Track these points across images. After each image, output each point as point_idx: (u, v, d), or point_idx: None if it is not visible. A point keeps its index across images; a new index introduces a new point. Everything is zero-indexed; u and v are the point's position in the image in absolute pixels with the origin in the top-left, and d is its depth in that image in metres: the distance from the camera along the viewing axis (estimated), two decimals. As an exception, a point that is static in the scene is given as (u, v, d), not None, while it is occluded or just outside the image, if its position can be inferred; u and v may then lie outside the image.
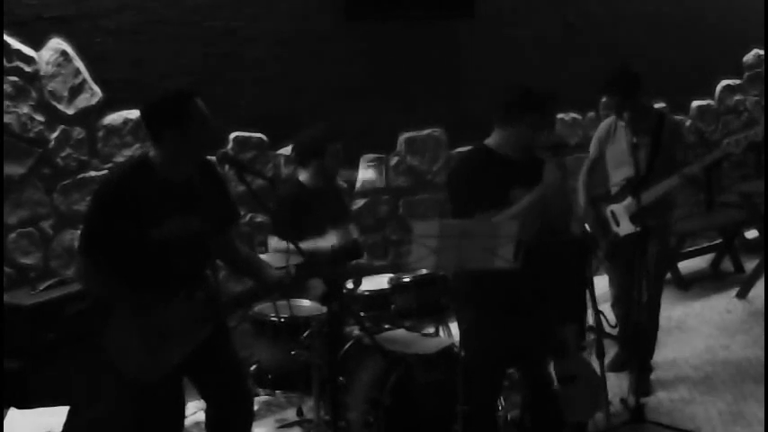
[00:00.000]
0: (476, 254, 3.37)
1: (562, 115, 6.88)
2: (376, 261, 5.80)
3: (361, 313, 4.25)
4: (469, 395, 3.58)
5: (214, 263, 3.45)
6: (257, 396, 4.22)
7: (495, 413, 3.89)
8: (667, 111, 6.07)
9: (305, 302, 4.11)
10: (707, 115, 7.85)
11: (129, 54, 4.90)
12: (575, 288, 4.23)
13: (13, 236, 4.58)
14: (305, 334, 3.88)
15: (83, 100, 4.77)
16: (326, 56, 5.65)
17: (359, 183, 5.88)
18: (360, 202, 5.91)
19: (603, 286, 5.04)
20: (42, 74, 4.62)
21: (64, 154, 4.72)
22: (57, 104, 4.69)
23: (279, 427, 4.60)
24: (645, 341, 4.88)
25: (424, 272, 4.28)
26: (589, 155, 5.10)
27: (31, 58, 4.59)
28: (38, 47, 4.61)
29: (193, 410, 4.20)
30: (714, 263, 7.29)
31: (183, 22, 5.08)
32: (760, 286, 6.41)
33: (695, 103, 7.78)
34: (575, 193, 5.01)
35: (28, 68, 4.57)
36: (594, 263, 4.68)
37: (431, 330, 4.69)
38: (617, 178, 4.89)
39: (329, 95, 5.60)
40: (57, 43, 4.66)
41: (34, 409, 4.02)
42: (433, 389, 3.87)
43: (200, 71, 5.09)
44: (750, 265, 6.84)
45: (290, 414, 4.64)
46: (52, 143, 4.68)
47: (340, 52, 5.72)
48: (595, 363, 4.24)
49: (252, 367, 4.03)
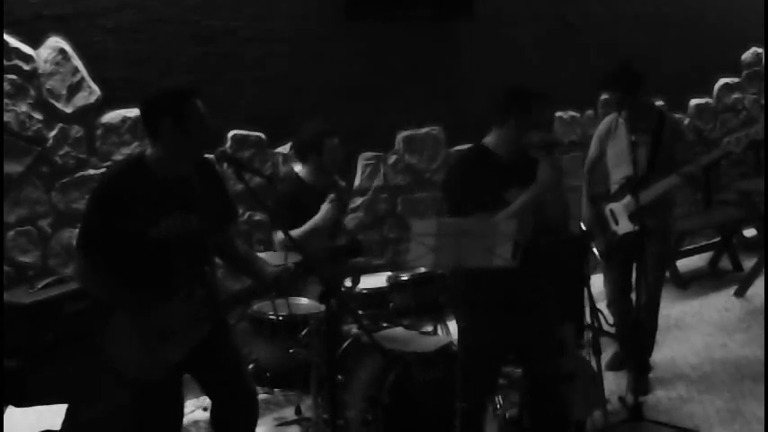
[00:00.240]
0: (474, 252, 3.37)
1: (560, 113, 6.89)
2: (374, 259, 5.80)
3: (360, 311, 4.26)
4: (466, 393, 3.58)
5: (213, 261, 3.45)
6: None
7: (485, 412, 3.89)
8: (665, 109, 6.06)
9: (303, 301, 4.12)
10: (705, 113, 7.85)
11: (128, 53, 4.90)
12: (572, 286, 4.24)
13: (11, 234, 4.58)
14: (303, 332, 3.88)
15: (81, 98, 4.77)
16: (326, 55, 5.65)
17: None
18: (358, 200, 5.91)
19: (600, 285, 5.03)
20: (41, 72, 4.62)
21: (62, 152, 4.72)
22: (55, 103, 4.69)
23: (277, 426, 4.59)
24: (643, 340, 4.88)
25: (422, 270, 4.28)
26: (590, 152, 5.10)
27: (30, 56, 4.59)
28: (36, 45, 4.61)
29: (192, 409, 4.21)
30: (712, 261, 7.29)
31: (183, 21, 5.09)
32: (758, 284, 6.41)
33: (693, 102, 7.78)
34: (574, 191, 5.00)
35: (26, 67, 4.57)
36: (592, 261, 4.66)
37: (429, 329, 4.70)
38: (617, 176, 4.86)
39: (328, 94, 5.60)
40: (55, 42, 4.66)
41: (33, 408, 4.02)
42: (432, 387, 3.87)
43: (199, 70, 5.09)
44: (748, 263, 6.85)
45: (289, 412, 4.64)
46: (51, 141, 4.68)
47: (339, 52, 5.72)
48: (593, 361, 4.24)
49: (250, 365, 4.03)
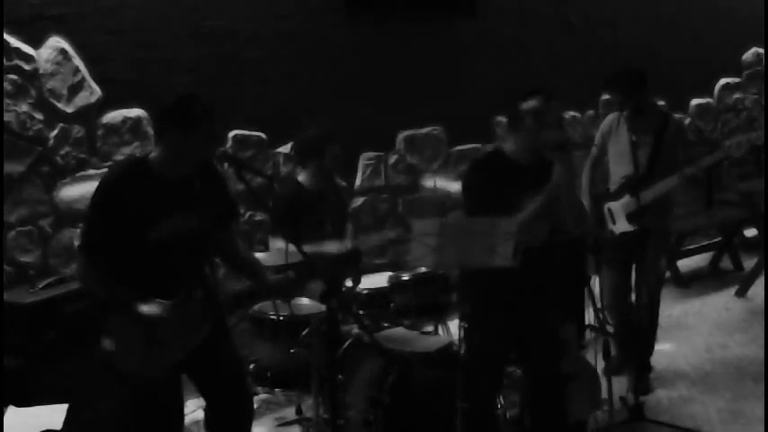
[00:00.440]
0: (475, 252, 3.37)
1: (561, 113, 6.89)
2: (375, 259, 5.80)
3: (361, 311, 4.26)
4: (470, 392, 3.57)
5: (213, 261, 3.44)
6: (256, 394, 4.23)
7: (495, 410, 3.89)
8: (666, 109, 6.05)
9: (304, 301, 4.11)
10: (706, 114, 7.85)
11: (129, 53, 4.90)
12: (574, 286, 4.23)
13: (12, 234, 4.58)
14: (304, 332, 3.87)
15: (82, 98, 4.77)
16: (327, 55, 5.65)
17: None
18: (359, 200, 5.91)
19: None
20: (42, 72, 4.62)
21: (63, 152, 4.72)
22: (56, 103, 4.69)
23: (278, 426, 4.60)
24: (644, 340, 4.87)
25: (423, 270, 4.28)
26: (591, 151, 5.08)
27: (31, 56, 4.59)
28: (37, 45, 4.61)
29: (193, 409, 4.20)
30: (713, 261, 7.29)
31: (184, 21, 5.09)
32: (759, 284, 6.41)
33: (694, 102, 7.78)
34: (578, 189, 4.98)
35: (27, 67, 4.57)
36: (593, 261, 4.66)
37: (430, 329, 4.69)
38: (617, 176, 4.85)
39: (329, 94, 5.60)
40: (56, 41, 4.66)
41: (34, 408, 4.02)
42: (433, 387, 3.86)
43: (200, 70, 5.09)
44: (749, 263, 6.85)
45: (290, 412, 4.64)
46: (51, 141, 4.69)
47: (340, 51, 5.72)
48: (594, 362, 4.24)
49: (251, 366, 4.03)
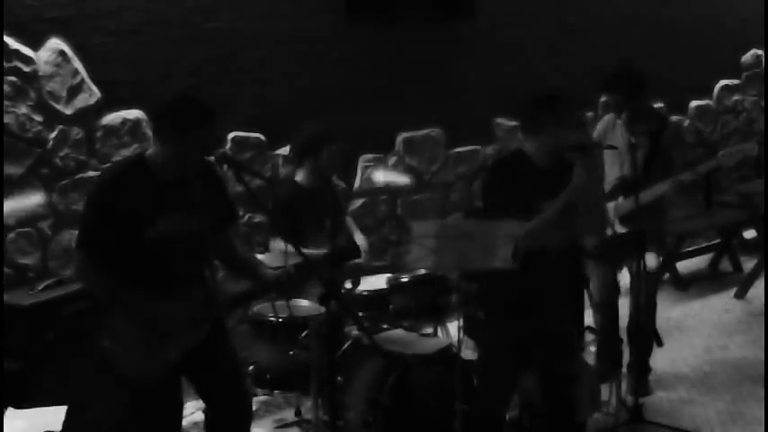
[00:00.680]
0: (475, 254, 3.37)
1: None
2: (374, 261, 5.79)
3: (360, 313, 4.26)
4: (483, 398, 3.56)
5: (212, 262, 3.44)
6: (256, 396, 4.23)
7: (504, 417, 3.87)
8: (665, 111, 6.06)
9: (303, 302, 4.11)
10: (705, 115, 7.85)
11: (129, 54, 4.89)
12: (573, 288, 4.23)
13: (11, 236, 4.58)
14: (303, 334, 3.88)
15: (81, 100, 4.77)
16: (326, 57, 5.64)
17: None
18: (358, 201, 5.91)
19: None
20: (41, 74, 4.62)
21: (62, 154, 4.72)
22: (55, 104, 4.68)
23: (277, 428, 4.60)
24: (642, 342, 4.87)
25: (422, 272, 4.28)
26: None
27: (30, 58, 4.58)
28: (37, 47, 4.61)
29: (192, 410, 4.20)
30: (713, 263, 7.29)
31: (183, 22, 5.08)
32: (758, 286, 6.41)
33: (693, 103, 7.77)
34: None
35: (26, 68, 4.57)
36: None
37: (429, 330, 4.70)
38: (611, 177, 4.84)
39: (328, 96, 5.59)
40: (55, 43, 4.65)
41: (33, 409, 4.02)
42: (432, 389, 3.87)
43: (199, 72, 5.08)
44: (749, 264, 6.84)
45: (289, 414, 4.64)
46: (51, 143, 4.68)
47: (340, 53, 5.72)
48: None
49: (250, 367, 4.03)
